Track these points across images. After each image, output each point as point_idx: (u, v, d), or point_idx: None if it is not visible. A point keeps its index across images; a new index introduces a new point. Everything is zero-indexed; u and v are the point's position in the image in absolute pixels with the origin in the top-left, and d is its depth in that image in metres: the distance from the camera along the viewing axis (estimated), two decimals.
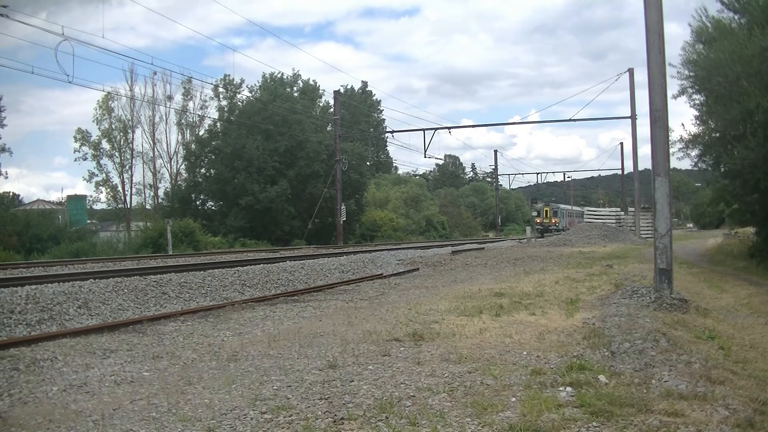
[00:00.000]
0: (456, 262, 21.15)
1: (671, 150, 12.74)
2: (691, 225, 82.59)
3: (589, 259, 20.14)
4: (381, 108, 68.83)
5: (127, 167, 47.35)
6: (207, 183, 44.36)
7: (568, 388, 4.56)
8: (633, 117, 35.64)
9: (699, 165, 18.99)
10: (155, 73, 44.83)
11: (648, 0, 9.14)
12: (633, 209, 41.63)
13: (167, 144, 48.54)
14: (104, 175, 47.28)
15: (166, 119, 48.11)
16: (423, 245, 33.61)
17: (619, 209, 58.43)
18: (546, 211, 56.24)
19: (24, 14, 34.64)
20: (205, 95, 48.06)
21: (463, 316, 8.02)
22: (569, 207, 65.84)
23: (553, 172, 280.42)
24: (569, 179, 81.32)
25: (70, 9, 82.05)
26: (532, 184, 73.91)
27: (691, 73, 17.20)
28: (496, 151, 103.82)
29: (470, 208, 79.81)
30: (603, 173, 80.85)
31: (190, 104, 48.50)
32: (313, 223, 39.44)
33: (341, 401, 4.47)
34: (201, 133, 47.27)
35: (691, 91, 17.63)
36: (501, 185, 70.69)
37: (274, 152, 41.09)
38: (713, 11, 17.39)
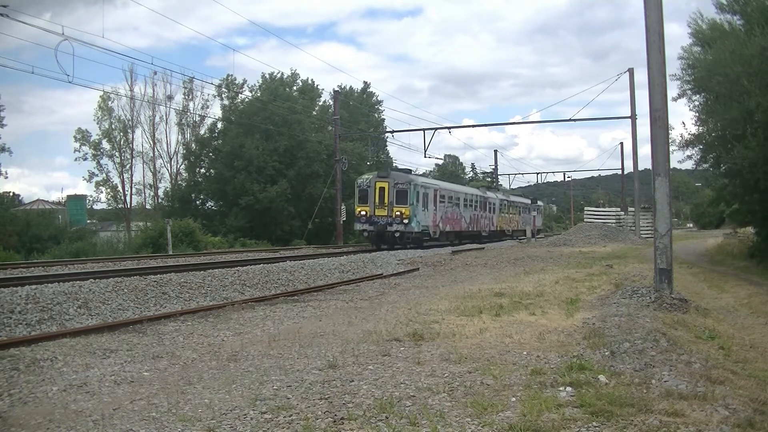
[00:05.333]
0: (456, 262, 21.14)
1: (671, 150, 12.73)
2: (691, 225, 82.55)
3: (589, 259, 20.13)
4: (382, 108, 68.77)
5: (127, 167, 47.42)
6: (207, 183, 44.37)
7: (568, 388, 4.56)
8: (633, 117, 35.59)
9: (700, 165, 19.01)
10: (155, 73, 44.86)
11: (648, 0, 9.15)
12: (633, 209, 41.57)
13: (167, 144, 48.61)
14: (104, 175, 47.36)
15: (167, 119, 48.17)
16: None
17: (619, 209, 51.79)
18: (382, 189, 27.37)
19: (28, 15, 34.67)
20: (206, 95, 48.13)
21: (463, 316, 8.02)
22: (457, 188, 36.37)
23: (553, 172, 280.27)
24: (569, 179, 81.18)
25: (74, 10, 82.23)
26: (533, 183, 73.83)
27: (691, 76, 17.25)
28: (496, 151, 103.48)
29: None
30: (603, 173, 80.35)
31: (192, 104, 48.54)
32: (313, 223, 39.43)
33: (341, 401, 4.47)
34: (202, 132, 47.34)
35: (691, 92, 17.68)
36: (501, 185, 70.64)
37: (274, 152, 41.11)
38: (711, 14, 17.46)
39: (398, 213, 26.98)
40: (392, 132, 47.82)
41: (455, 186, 38.31)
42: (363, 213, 27.61)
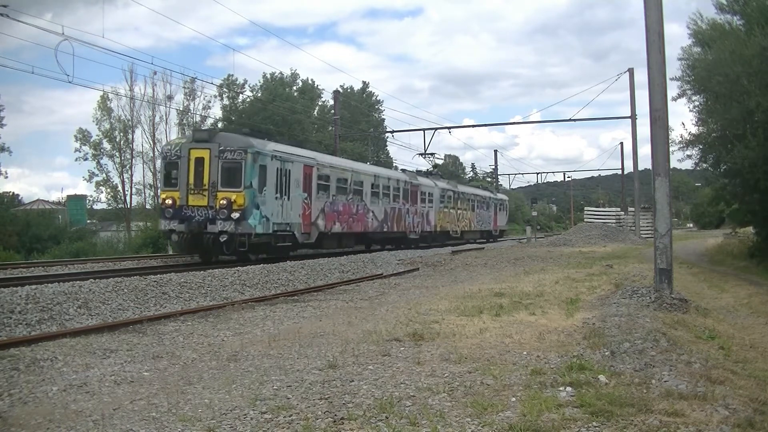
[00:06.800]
0: (456, 262, 21.14)
1: (671, 150, 12.76)
2: (691, 225, 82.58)
3: (589, 259, 20.14)
4: (382, 108, 68.87)
5: (127, 167, 47.37)
6: None
7: (568, 388, 4.56)
8: (633, 117, 35.65)
9: (699, 165, 19.04)
10: (155, 73, 44.81)
11: (648, 0, 9.15)
12: (633, 209, 41.59)
13: None
14: (104, 175, 47.30)
15: (167, 119, 48.09)
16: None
17: (619, 209, 51.51)
18: (200, 162, 16.93)
19: (28, 15, 34.62)
20: (207, 95, 48.12)
21: (463, 316, 8.02)
22: (357, 167, 25.30)
23: (553, 172, 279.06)
24: (569, 179, 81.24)
25: (74, 10, 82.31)
26: (533, 183, 73.92)
27: (691, 77, 17.28)
28: (496, 151, 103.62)
29: None
30: (603, 173, 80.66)
31: (192, 104, 48.50)
32: None
33: (341, 401, 4.47)
34: None
35: (691, 93, 17.71)
36: (501, 185, 70.63)
37: None
38: (711, 14, 17.52)
39: (225, 202, 16.40)
40: (392, 132, 47.88)
41: (354, 164, 25.98)
42: (169, 202, 16.95)
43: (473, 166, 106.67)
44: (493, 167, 68.44)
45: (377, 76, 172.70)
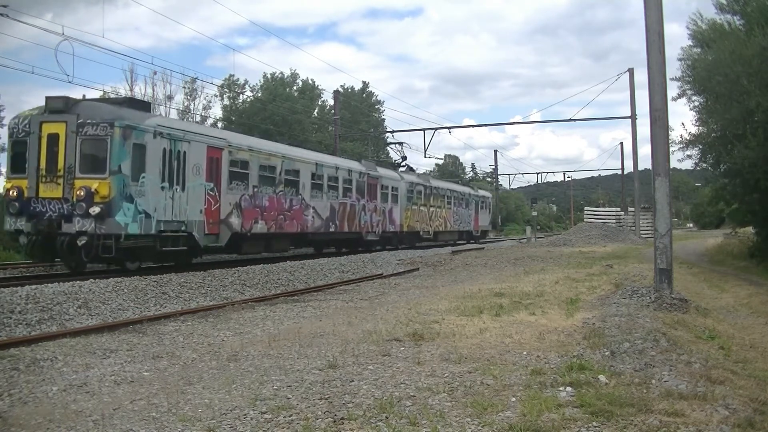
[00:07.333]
0: (456, 262, 21.14)
1: (671, 150, 12.78)
2: (691, 225, 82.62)
3: (589, 259, 20.14)
4: (382, 108, 68.89)
5: None
6: None
7: (568, 388, 4.56)
8: (633, 117, 35.65)
9: (699, 165, 19.06)
10: (155, 73, 44.83)
11: (648, 0, 9.16)
12: (633, 209, 41.59)
13: None
14: None
15: None
16: (423, 245, 33.20)
17: (619, 209, 51.43)
18: (53, 140, 13.02)
19: (29, 15, 34.60)
20: (207, 95, 48.14)
21: (463, 316, 8.02)
22: (290, 153, 19.81)
23: (553, 172, 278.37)
24: (569, 179, 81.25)
25: (74, 10, 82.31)
26: (532, 183, 73.97)
27: (691, 77, 17.31)
28: (496, 151, 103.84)
29: None
30: (603, 173, 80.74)
31: (193, 104, 48.50)
32: None
33: (341, 401, 4.47)
34: None
35: (691, 92, 17.74)
36: (501, 185, 70.62)
37: None
38: (710, 14, 17.55)
39: (83, 192, 12.69)
40: (392, 132, 47.84)
41: (286, 148, 20.65)
42: (14, 194, 13.26)
43: (473, 166, 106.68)
44: (493, 167, 68.48)
45: (377, 76, 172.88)
